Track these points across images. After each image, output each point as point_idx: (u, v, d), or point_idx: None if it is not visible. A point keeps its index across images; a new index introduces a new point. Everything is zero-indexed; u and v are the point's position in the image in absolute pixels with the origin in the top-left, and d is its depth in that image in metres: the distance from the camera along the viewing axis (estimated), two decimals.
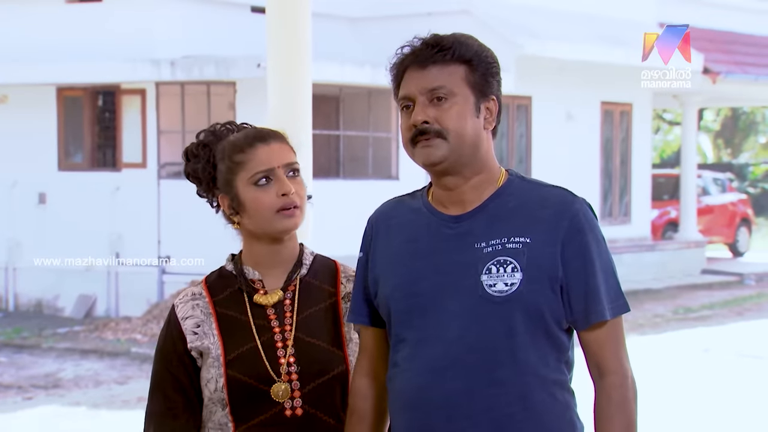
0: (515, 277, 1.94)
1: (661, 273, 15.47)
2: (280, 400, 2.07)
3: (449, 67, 1.98)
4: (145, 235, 12.06)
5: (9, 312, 12.72)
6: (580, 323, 1.98)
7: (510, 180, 2.04)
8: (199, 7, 12.64)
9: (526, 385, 1.94)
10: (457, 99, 1.98)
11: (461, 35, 2.03)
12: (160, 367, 2.14)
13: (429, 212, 2.04)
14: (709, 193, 19.78)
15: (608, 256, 2.00)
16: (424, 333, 1.98)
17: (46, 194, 12.98)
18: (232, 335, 2.11)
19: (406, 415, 2.00)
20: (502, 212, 1.99)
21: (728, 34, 17.24)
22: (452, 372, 1.95)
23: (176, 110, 12.32)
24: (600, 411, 1.97)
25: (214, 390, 2.09)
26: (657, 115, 25.76)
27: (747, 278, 16.12)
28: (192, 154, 2.17)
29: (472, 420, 1.94)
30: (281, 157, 2.11)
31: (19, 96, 13.07)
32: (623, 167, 16.32)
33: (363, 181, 13.06)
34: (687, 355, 9.90)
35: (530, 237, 1.96)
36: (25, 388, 8.72)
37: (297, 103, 3.39)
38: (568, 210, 1.98)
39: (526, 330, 1.94)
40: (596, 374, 1.99)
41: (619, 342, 1.99)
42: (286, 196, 2.08)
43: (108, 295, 12.29)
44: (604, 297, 1.97)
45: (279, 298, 2.13)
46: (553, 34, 14.07)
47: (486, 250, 1.97)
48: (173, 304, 2.17)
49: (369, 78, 12.52)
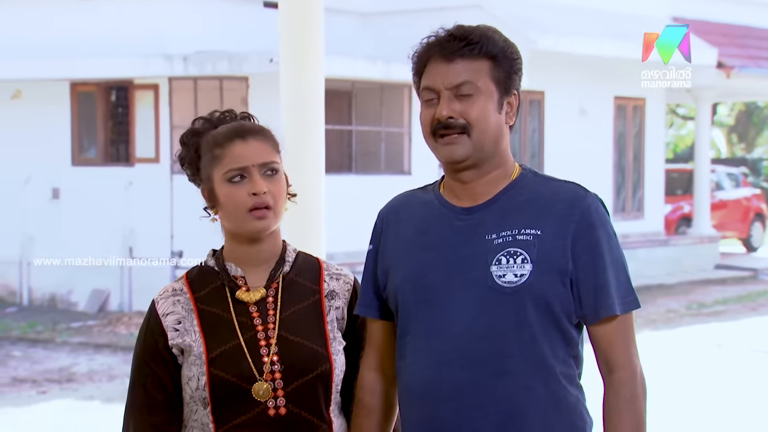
0: (525, 268, 1.94)
1: (675, 268, 15.42)
2: (262, 399, 2.03)
3: (476, 62, 1.97)
4: (158, 229, 12.08)
5: (23, 306, 12.77)
6: (589, 317, 1.97)
7: (523, 174, 2.04)
8: (211, 2, 12.65)
9: (535, 377, 1.94)
10: (482, 95, 1.97)
11: (487, 29, 2.01)
12: (140, 363, 2.09)
13: (440, 204, 2.04)
14: (723, 188, 19.71)
15: (619, 252, 1.99)
16: (432, 324, 1.98)
17: (59, 189, 13.02)
18: (214, 332, 2.06)
19: (415, 407, 2.00)
20: (513, 205, 1.99)
21: (742, 28, 17.15)
22: (460, 363, 1.94)
23: (189, 105, 12.34)
24: (609, 407, 1.96)
25: (195, 388, 2.04)
26: (670, 109, 25.65)
27: (761, 273, 16.05)
28: (182, 142, 2.15)
29: (481, 411, 1.94)
30: (258, 155, 2.06)
31: (32, 91, 13.11)
32: (636, 162, 16.27)
33: (375, 176, 13.05)
34: (700, 351, 9.87)
35: (541, 229, 1.95)
36: (40, 382, 8.76)
37: (309, 98, 3.39)
38: (580, 204, 1.98)
39: (536, 321, 1.94)
40: (605, 370, 1.98)
41: (629, 338, 1.98)
42: (257, 196, 2.04)
43: (121, 289, 12.32)
44: (614, 292, 1.96)
45: (262, 295, 2.09)
46: (566, 29, 14.03)
47: (496, 242, 1.96)
48: (153, 299, 2.12)
49: (381, 73, 12.51)
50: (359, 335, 2.15)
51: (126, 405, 2.12)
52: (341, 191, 11.57)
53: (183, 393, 2.08)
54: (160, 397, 2.07)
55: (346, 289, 2.16)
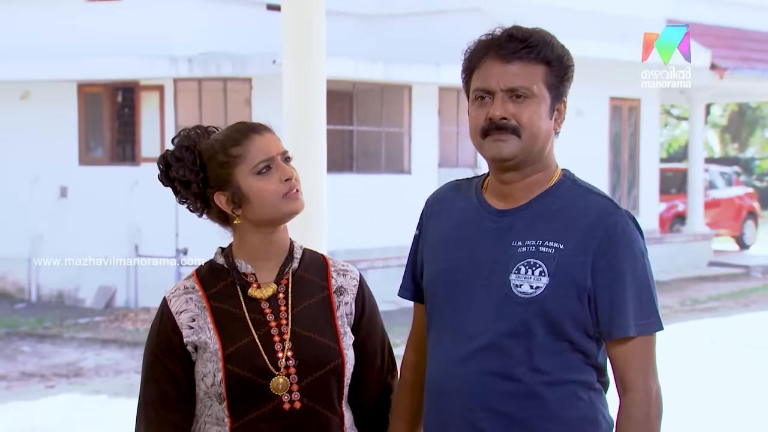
0: (542, 281, 1.91)
1: (669, 265, 15.42)
2: (280, 394, 2.03)
3: (532, 66, 1.94)
4: (163, 227, 12.08)
5: (32, 303, 12.77)
6: (604, 336, 1.94)
7: (561, 181, 2.00)
8: (215, 5, 12.64)
9: (542, 384, 1.92)
10: (536, 99, 1.94)
11: (546, 34, 1.98)
12: (153, 359, 2.08)
13: (478, 202, 2.03)
14: (716, 186, 19.70)
15: (645, 272, 1.93)
16: (453, 322, 1.98)
17: (67, 188, 13.03)
18: (227, 329, 2.05)
19: (430, 401, 2.01)
20: (544, 213, 1.96)
21: (735, 30, 17.15)
22: (471, 364, 1.94)
23: (194, 106, 12.33)
24: (620, 427, 1.93)
25: (211, 384, 2.04)
26: (665, 110, 25.64)
27: (753, 270, 16.05)
28: (175, 159, 2.10)
29: (488, 413, 1.93)
30: (277, 145, 2.09)
31: (41, 92, 13.11)
32: (631, 161, 16.26)
33: (376, 175, 13.04)
34: (694, 346, 9.87)
35: (564, 243, 1.92)
36: (48, 376, 8.76)
37: (311, 98, 3.38)
38: (607, 221, 1.93)
39: (545, 333, 1.91)
40: (621, 389, 1.95)
41: (646, 359, 1.92)
42: (290, 181, 2.06)
43: (127, 286, 12.32)
44: (631, 313, 1.91)
45: (273, 291, 2.09)
46: (563, 31, 13.99)
47: (521, 250, 1.94)
48: (165, 297, 2.11)
49: (382, 74, 12.50)
50: (365, 331, 2.15)
51: (139, 401, 2.11)
52: (342, 190, 11.56)
53: (196, 389, 2.08)
54: (173, 392, 2.07)
55: (353, 285, 2.16)
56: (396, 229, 11.32)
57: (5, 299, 12.93)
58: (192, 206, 2.13)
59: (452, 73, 11.69)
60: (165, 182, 2.14)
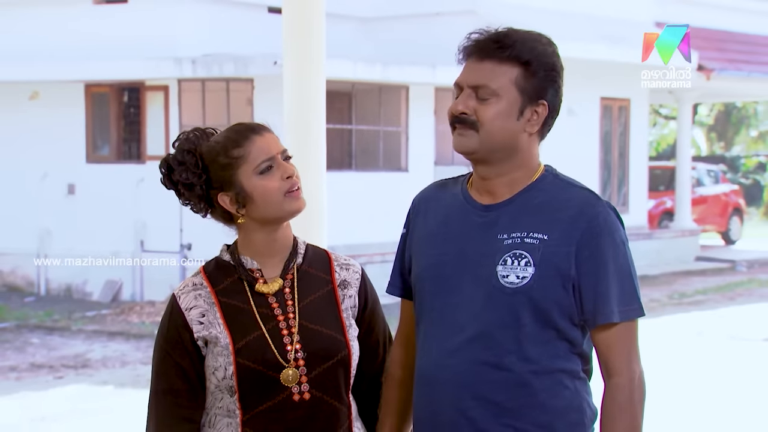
0: (527, 271, 1.92)
1: (657, 260, 15.43)
2: (289, 385, 2.04)
3: (503, 66, 1.94)
4: (168, 223, 12.07)
5: (40, 296, 12.77)
6: (589, 323, 1.95)
7: (543, 176, 2.01)
8: (218, 8, 12.63)
9: (531, 374, 1.93)
10: (499, 99, 1.94)
11: (532, 34, 1.96)
12: (164, 354, 2.07)
13: (464, 198, 2.03)
14: (703, 184, 19.73)
15: (626, 260, 1.94)
16: (442, 315, 1.98)
17: (74, 185, 13.02)
18: (237, 324, 2.05)
19: (419, 392, 2.02)
20: (528, 207, 1.97)
21: (722, 32, 17.16)
22: (462, 354, 1.95)
23: (197, 106, 12.33)
24: (605, 411, 1.94)
25: (222, 378, 2.04)
26: (653, 110, 25.64)
27: (738, 265, 16.07)
28: (178, 162, 2.08)
29: (479, 401, 1.94)
30: (277, 144, 2.08)
31: (49, 92, 13.10)
32: (621, 159, 16.27)
33: (374, 173, 13.04)
34: (681, 338, 9.89)
35: (548, 234, 1.93)
36: (56, 367, 8.76)
37: (311, 98, 3.38)
38: (588, 212, 1.94)
39: (533, 322, 1.92)
40: (605, 374, 1.96)
41: (629, 344, 1.94)
42: (291, 178, 2.06)
43: (133, 280, 12.32)
44: (615, 300, 1.92)
45: (279, 286, 2.09)
46: (556, 32, 13.98)
47: (506, 242, 1.95)
48: (173, 294, 2.10)
49: (380, 75, 12.49)
50: (368, 323, 2.16)
51: (150, 394, 2.11)
52: (342, 187, 11.56)
53: (207, 382, 2.07)
54: (183, 386, 2.06)
55: (356, 278, 2.17)
56: (393, 225, 11.27)
57: (15, 293, 12.93)
58: (195, 207, 2.13)
59: (448, 73, 11.70)
60: (168, 185, 2.13)
